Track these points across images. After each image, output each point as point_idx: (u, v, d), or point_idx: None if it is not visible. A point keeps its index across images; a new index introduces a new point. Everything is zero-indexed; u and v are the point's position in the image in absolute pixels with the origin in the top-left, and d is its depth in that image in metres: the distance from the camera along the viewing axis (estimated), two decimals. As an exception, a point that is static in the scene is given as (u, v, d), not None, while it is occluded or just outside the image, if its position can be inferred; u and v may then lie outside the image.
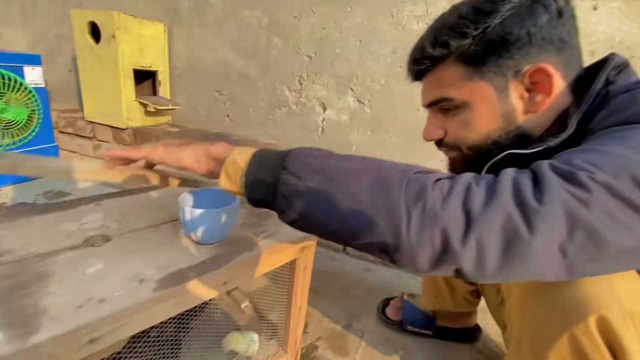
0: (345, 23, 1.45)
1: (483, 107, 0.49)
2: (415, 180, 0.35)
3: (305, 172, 0.38)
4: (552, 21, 0.45)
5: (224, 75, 1.76)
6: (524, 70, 0.46)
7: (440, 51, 0.48)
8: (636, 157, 0.32)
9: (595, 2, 1.13)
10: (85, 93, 1.74)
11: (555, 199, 0.31)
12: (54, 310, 0.40)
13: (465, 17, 0.46)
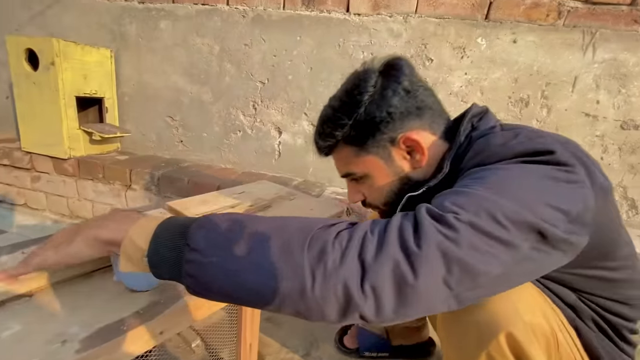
0: (295, 51, 1.49)
1: (379, 174, 0.60)
2: (317, 240, 0.37)
3: (208, 248, 0.38)
4: (403, 99, 0.55)
5: (175, 101, 1.73)
6: (397, 139, 0.56)
7: (330, 141, 0.60)
8: (492, 197, 0.39)
9: (514, 36, 1.26)
10: (22, 122, 1.62)
11: (431, 242, 0.35)
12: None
13: (339, 111, 0.57)
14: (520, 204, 0.38)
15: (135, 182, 1.52)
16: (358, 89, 0.56)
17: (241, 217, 0.41)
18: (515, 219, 0.37)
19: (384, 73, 0.56)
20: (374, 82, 0.55)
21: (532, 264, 0.39)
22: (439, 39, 1.33)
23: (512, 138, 0.48)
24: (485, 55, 1.31)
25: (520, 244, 0.37)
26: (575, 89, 1.26)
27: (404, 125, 0.56)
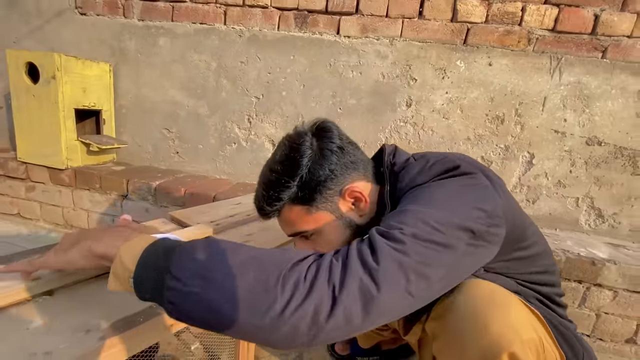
0: (289, 69, 1.59)
1: (330, 229, 0.64)
2: (290, 274, 0.40)
3: (188, 278, 0.40)
4: (339, 156, 0.61)
5: (172, 114, 1.79)
6: (342, 191, 0.62)
7: (277, 204, 0.62)
8: (425, 210, 0.48)
9: (490, 59, 1.39)
10: (20, 133, 1.65)
11: (386, 256, 0.42)
12: (-3, 370, 0.41)
13: (282, 175, 0.60)
14: (448, 211, 0.48)
15: (132, 192, 1.57)
16: (298, 152, 0.59)
17: (222, 247, 0.43)
18: (447, 223, 0.46)
19: (317, 135, 0.62)
20: (309, 144, 0.60)
21: (470, 257, 0.48)
22: (422, 60, 1.44)
23: (425, 164, 0.60)
24: (464, 77, 1.42)
25: (457, 244, 0.46)
26: (545, 108, 1.39)
27: (345, 178, 0.62)
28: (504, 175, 1.46)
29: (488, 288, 0.55)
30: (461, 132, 1.46)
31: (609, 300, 1.17)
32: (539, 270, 0.62)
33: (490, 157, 1.46)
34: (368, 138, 1.55)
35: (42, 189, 1.71)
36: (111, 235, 0.49)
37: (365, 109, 1.53)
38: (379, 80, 1.49)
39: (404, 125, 1.50)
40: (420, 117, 1.48)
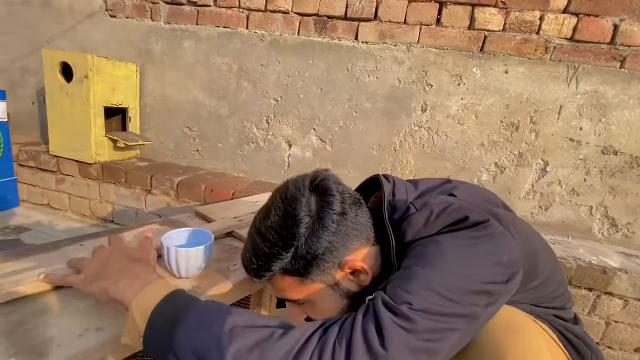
0: (307, 73, 1.64)
1: (325, 300, 0.58)
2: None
3: (188, 355, 0.42)
4: (340, 223, 0.53)
5: (194, 114, 1.87)
6: (341, 263, 0.55)
7: (267, 275, 0.55)
8: (433, 274, 0.44)
9: (506, 67, 1.41)
10: (53, 128, 1.75)
11: (395, 340, 0.40)
12: (58, 340, 0.48)
13: (275, 245, 0.53)
14: (462, 274, 0.45)
15: (156, 187, 1.64)
16: (294, 220, 0.52)
17: (226, 329, 0.42)
18: (461, 291, 0.43)
19: (316, 196, 0.54)
20: (307, 210, 0.53)
21: (488, 317, 0.46)
22: (439, 67, 1.47)
23: (429, 217, 0.53)
24: (480, 84, 1.45)
25: (475, 310, 0.44)
26: (560, 116, 1.40)
27: (346, 250, 0.55)
28: (517, 182, 1.48)
29: (505, 315, 0.52)
30: (475, 138, 1.48)
31: (620, 309, 1.18)
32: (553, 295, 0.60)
33: (504, 163, 1.48)
34: (382, 141, 1.59)
35: (72, 182, 1.81)
36: (127, 279, 0.51)
37: (381, 113, 1.57)
38: (395, 85, 1.53)
39: (418, 130, 1.54)
40: (435, 123, 1.51)
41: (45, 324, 0.51)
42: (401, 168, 1.59)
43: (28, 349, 0.45)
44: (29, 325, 0.50)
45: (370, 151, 1.61)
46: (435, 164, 1.55)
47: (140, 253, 0.60)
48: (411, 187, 0.64)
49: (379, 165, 1.61)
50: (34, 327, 0.50)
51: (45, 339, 0.47)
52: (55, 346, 0.46)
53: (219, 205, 1.05)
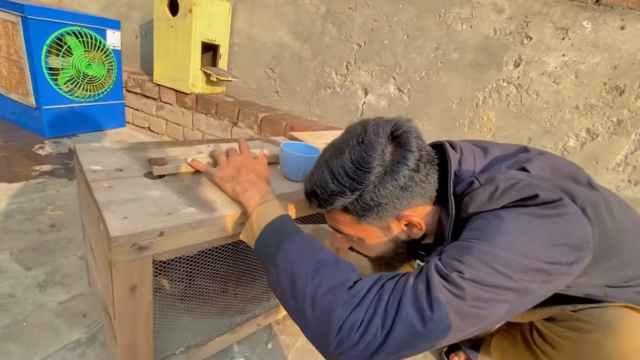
0: (395, 18, 1.61)
1: (374, 240, 0.62)
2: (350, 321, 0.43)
3: (284, 272, 0.50)
4: (410, 178, 0.54)
5: (277, 55, 1.96)
6: (399, 215, 0.58)
7: (327, 207, 0.58)
8: (491, 250, 0.44)
9: (623, 22, 1.27)
10: (157, 58, 1.97)
11: (442, 302, 0.42)
12: (219, 202, 0.63)
13: (341, 183, 0.55)
14: (518, 252, 0.44)
15: (242, 120, 1.82)
16: (365, 165, 0.53)
17: (317, 259, 0.49)
18: (516, 267, 0.43)
19: (393, 149, 0.54)
20: (381, 159, 0.53)
21: (543, 293, 0.46)
22: (543, 18, 1.37)
23: (494, 192, 0.51)
24: (588, 39, 1.33)
25: (529, 285, 0.44)
26: (680, 82, 1.25)
27: (409, 204, 0.56)
28: (608, 151, 1.39)
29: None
30: (570, 100, 1.39)
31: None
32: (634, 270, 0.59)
33: (598, 129, 1.39)
34: (465, 95, 1.56)
35: (169, 109, 2.05)
36: (253, 190, 0.61)
37: (468, 64, 1.52)
38: (489, 35, 1.46)
39: (506, 86, 1.48)
40: (527, 79, 1.44)
41: (206, 191, 0.66)
42: (480, 125, 1.56)
43: (199, 204, 0.61)
44: (192, 190, 0.66)
45: (449, 104, 1.59)
46: (518, 124, 1.50)
47: (262, 168, 0.70)
48: (480, 155, 0.61)
49: (457, 120, 1.60)
50: (197, 191, 0.66)
51: (209, 200, 0.63)
52: (217, 205, 0.62)
53: (309, 134, 1.17)
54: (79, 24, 1.78)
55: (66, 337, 0.78)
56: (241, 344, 0.82)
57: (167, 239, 0.54)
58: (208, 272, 0.70)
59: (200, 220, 0.57)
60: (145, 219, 0.53)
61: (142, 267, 0.54)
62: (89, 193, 0.60)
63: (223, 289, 0.77)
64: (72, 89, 1.87)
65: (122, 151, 0.76)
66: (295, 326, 0.90)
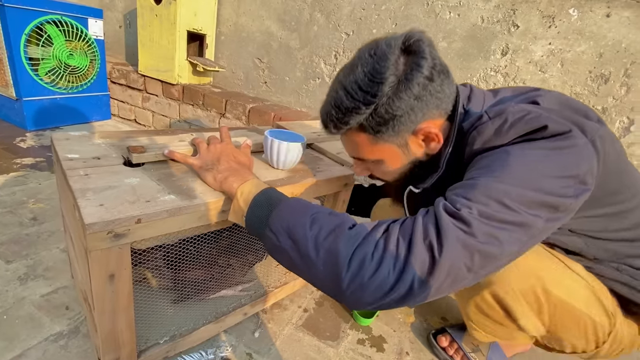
0: (384, 6, 1.60)
1: (392, 160, 0.62)
2: (359, 254, 0.43)
3: (281, 234, 0.49)
4: (425, 88, 0.52)
5: (265, 44, 1.93)
6: (416, 129, 0.56)
7: (342, 127, 0.58)
8: (497, 185, 0.44)
9: (609, 10, 1.27)
10: (142, 49, 1.92)
11: (452, 238, 0.41)
12: (199, 190, 0.62)
13: (355, 98, 0.53)
14: (527, 185, 0.43)
15: (229, 111, 1.79)
16: (378, 77, 0.51)
17: (311, 215, 0.49)
18: (524, 201, 0.43)
19: (406, 59, 0.52)
20: (394, 69, 0.51)
21: (546, 232, 0.46)
22: (530, 5, 1.37)
23: (503, 125, 0.50)
24: (574, 27, 1.33)
25: (535, 221, 0.43)
26: (662, 70, 1.27)
27: (424, 115, 0.55)
28: (592, 138, 1.40)
29: None
30: (556, 88, 1.40)
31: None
32: (626, 227, 0.58)
33: (582, 118, 1.40)
34: (452, 85, 1.56)
35: (155, 101, 2.02)
36: (234, 176, 0.60)
37: (456, 53, 1.52)
38: (476, 24, 1.46)
39: (494, 75, 1.48)
40: (514, 68, 1.44)
41: (188, 179, 0.65)
42: (467, 114, 1.57)
43: (180, 192, 0.60)
44: (175, 177, 0.65)
45: (437, 94, 1.59)
46: (505, 113, 1.51)
47: (244, 157, 0.69)
48: (489, 95, 0.61)
49: (444, 109, 1.60)
50: (180, 178, 0.64)
51: (189, 188, 0.62)
52: (197, 192, 0.61)
53: (297, 123, 1.15)
54: (59, 12, 1.72)
55: (48, 329, 0.77)
56: (228, 333, 0.81)
57: (144, 226, 0.52)
58: (191, 260, 0.69)
59: (179, 207, 0.56)
60: (122, 206, 0.52)
61: (120, 255, 0.53)
62: (65, 181, 0.59)
63: (207, 277, 0.76)
64: (54, 80, 1.82)
65: (101, 140, 0.74)
66: (283, 314, 0.90)
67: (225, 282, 0.78)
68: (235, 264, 0.78)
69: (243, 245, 0.81)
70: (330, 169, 0.88)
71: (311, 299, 0.98)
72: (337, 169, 0.89)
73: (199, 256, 0.70)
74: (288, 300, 0.95)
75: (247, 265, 0.83)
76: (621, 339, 0.66)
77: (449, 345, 0.88)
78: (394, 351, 0.87)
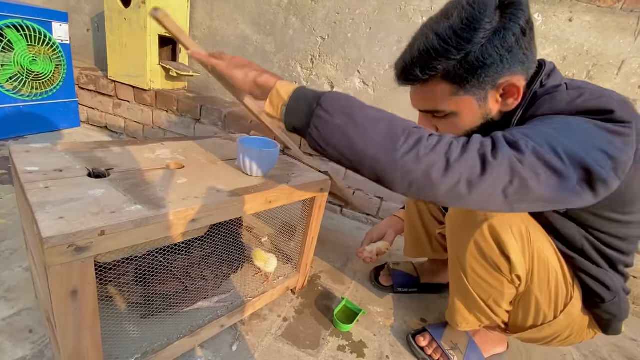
0: (358, 11, 1.61)
1: (468, 114, 0.61)
2: (414, 133, 0.46)
3: (335, 111, 0.48)
4: (518, 41, 0.54)
5: (241, 48, 1.91)
6: (499, 82, 0.57)
7: (428, 73, 0.57)
8: (555, 134, 0.47)
9: (571, 15, 1.34)
10: (111, 53, 1.85)
11: (504, 156, 0.44)
12: (168, 199, 0.60)
13: (448, 43, 0.54)
14: (578, 144, 0.46)
15: (205, 116, 1.75)
16: (475, 23, 0.52)
17: (361, 102, 0.51)
18: (570, 155, 0.45)
19: (503, 8, 0.53)
20: (491, 17, 0.52)
21: (570, 198, 0.47)
22: (497, 11, 1.41)
23: (577, 97, 0.53)
24: (539, 31, 1.39)
25: (570, 176, 0.45)
26: (620, 72, 1.34)
27: (511, 69, 0.56)
28: (559, 137, 1.46)
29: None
30: (524, 90, 1.46)
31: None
32: (619, 236, 0.63)
33: (549, 118, 1.46)
34: (426, 88, 1.59)
35: (127, 107, 1.95)
36: (270, 74, 0.58)
37: (429, 57, 1.55)
38: (447, 28, 1.49)
39: (465, 78, 1.52)
40: (484, 71, 1.48)
41: (155, 189, 0.63)
42: (442, 116, 1.60)
43: (147, 202, 0.58)
44: (142, 188, 0.62)
45: (412, 97, 1.62)
46: (477, 114, 1.55)
47: None
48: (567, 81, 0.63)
49: (420, 111, 1.62)
50: (147, 189, 0.62)
51: (157, 197, 0.60)
52: (165, 202, 0.59)
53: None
54: (19, 16, 1.64)
55: (10, 355, 0.72)
56: (204, 347, 0.79)
57: (109, 238, 0.50)
58: (161, 273, 0.66)
59: (146, 217, 0.53)
60: (84, 218, 0.49)
61: (83, 269, 0.50)
62: (23, 195, 0.55)
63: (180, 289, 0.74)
64: (17, 87, 1.72)
65: (64, 152, 0.71)
66: (262, 325, 0.88)
67: (200, 294, 0.76)
68: (209, 276, 0.75)
69: (217, 257, 0.79)
70: (305, 174, 0.87)
71: (291, 307, 0.97)
72: (313, 174, 0.88)
73: (170, 268, 0.67)
74: (267, 310, 0.93)
75: (222, 277, 0.81)
76: (575, 318, 0.70)
77: (428, 345, 0.89)
78: (374, 356, 0.87)
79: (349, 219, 1.64)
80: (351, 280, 1.15)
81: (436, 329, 0.91)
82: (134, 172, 0.68)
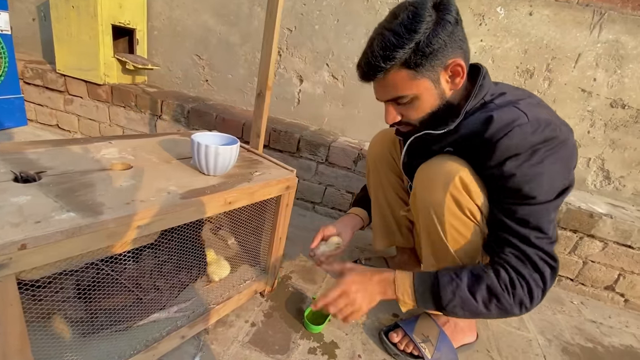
0: (325, 2, 1.57)
1: (427, 96, 0.70)
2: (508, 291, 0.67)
3: (458, 309, 0.68)
4: (455, 28, 0.65)
5: (204, 40, 1.81)
6: (447, 63, 0.67)
7: (389, 63, 0.65)
8: (544, 207, 0.65)
9: (531, 9, 1.36)
10: (59, 45, 1.70)
11: (546, 273, 0.66)
12: (108, 204, 0.53)
13: (400, 36, 0.63)
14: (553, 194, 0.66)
15: (166, 112, 1.65)
16: (419, 17, 0.62)
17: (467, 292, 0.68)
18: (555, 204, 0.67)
19: (437, 5, 0.64)
20: (430, 12, 0.63)
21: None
22: (462, 4, 1.42)
23: (531, 133, 0.64)
24: (502, 25, 1.41)
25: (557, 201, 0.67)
26: (577, 65, 1.39)
27: (454, 52, 0.66)
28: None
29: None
30: (488, 83, 1.48)
31: (598, 250, 1.29)
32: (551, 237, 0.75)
33: (513, 110, 1.50)
34: (395, 81, 1.58)
35: (80, 103, 1.80)
36: (375, 288, 0.73)
37: (397, 50, 1.54)
38: (414, 21, 1.48)
39: (433, 71, 1.52)
40: (451, 64, 1.49)
41: (94, 194, 0.56)
42: (411, 109, 1.60)
43: (83, 208, 0.51)
44: (80, 192, 0.55)
45: (381, 90, 1.60)
46: (445, 108, 1.56)
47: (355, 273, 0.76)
48: (495, 88, 0.75)
49: (389, 105, 1.61)
50: (85, 194, 0.55)
51: (95, 203, 0.53)
52: (105, 208, 0.52)
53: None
54: (-53, 0, 1.46)
55: None
56: (163, 360, 0.73)
57: (32, 252, 0.43)
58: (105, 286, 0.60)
59: (80, 226, 0.47)
60: (1, 230, 0.42)
61: (2, 289, 0.43)
62: None
63: (130, 301, 0.67)
64: (-53, 81, 1.54)
65: (-12, 152, 0.62)
66: (228, 332, 0.83)
67: (155, 305, 0.70)
68: (163, 286, 0.69)
69: (171, 265, 0.73)
70: (270, 172, 0.83)
71: (259, 311, 0.92)
72: (278, 172, 0.84)
73: (118, 280, 0.61)
74: (234, 316, 0.88)
75: (178, 287, 0.75)
76: None
77: (400, 340, 0.88)
78: (346, 356, 0.85)
79: (321, 215, 1.61)
80: (323, 279, 1.12)
81: (408, 323, 0.90)
82: (71, 175, 0.60)
